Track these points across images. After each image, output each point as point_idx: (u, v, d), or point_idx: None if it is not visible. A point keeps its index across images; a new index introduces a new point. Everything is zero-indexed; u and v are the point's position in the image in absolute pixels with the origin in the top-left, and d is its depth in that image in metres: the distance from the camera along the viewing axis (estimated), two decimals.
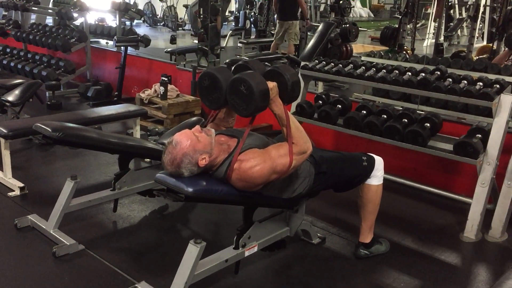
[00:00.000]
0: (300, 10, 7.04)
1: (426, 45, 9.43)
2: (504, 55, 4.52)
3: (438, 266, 2.76)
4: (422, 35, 10.67)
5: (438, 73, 3.34)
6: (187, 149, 2.10)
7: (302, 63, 3.94)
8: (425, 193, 3.66)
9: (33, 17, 8.03)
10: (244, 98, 2.14)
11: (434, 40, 7.44)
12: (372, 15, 18.22)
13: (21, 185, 3.41)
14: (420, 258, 2.83)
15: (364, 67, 3.62)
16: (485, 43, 8.79)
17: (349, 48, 6.27)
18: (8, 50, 6.69)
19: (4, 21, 7.71)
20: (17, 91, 4.41)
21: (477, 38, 8.62)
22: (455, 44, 10.40)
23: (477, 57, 6.00)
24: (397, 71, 3.45)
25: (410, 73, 3.37)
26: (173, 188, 2.12)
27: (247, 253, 2.41)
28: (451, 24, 10.23)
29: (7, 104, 4.31)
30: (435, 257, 2.84)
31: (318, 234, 2.94)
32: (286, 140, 2.20)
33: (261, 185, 2.18)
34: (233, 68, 2.43)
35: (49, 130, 2.72)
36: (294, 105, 3.85)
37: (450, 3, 9.70)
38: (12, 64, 6.21)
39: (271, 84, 2.17)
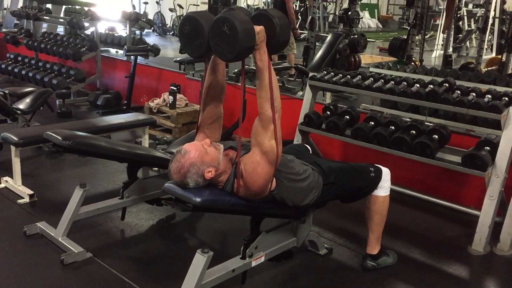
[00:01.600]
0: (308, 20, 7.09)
1: (435, 56, 9.43)
2: None
3: (445, 278, 2.74)
4: (430, 46, 10.67)
5: (447, 85, 3.35)
6: (195, 159, 2.11)
7: (311, 74, 3.96)
8: (433, 205, 3.64)
9: (44, 26, 8.13)
10: (228, 40, 1.96)
11: (442, 52, 7.43)
12: (380, 26, 18.27)
13: (31, 192, 3.44)
14: (428, 270, 2.82)
15: (372, 79, 3.64)
16: (494, 55, 8.79)
17: (357, 58, 6.29)
18: (19, 58, 6.78)
19: (16, 30, 7.83)
20: (28, 99, 4.47)
21: (486, 49, 8.60)
22: (464, 56, 10.39)
23: (486, 69, 6.00)
24: (405, 83, 3.46)
25: (418, 85, 3.37)
26: (181, 198, 2.13)
27: (254, 263, 2.41)
28: (460, 35, 10.23)
29: (18, 112, 4.36)
30: (442, 270, 2.82)
31: (325, 245, 2.94)
32: (259, 98, 2.06)
33: (268, 185, 2.15)
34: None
35: (60, 138, 2.75)
36: (302, 115, 3.87)
37: (459, 15, 9.71)
38: (23, 72, 6.28)
39: (258, 28, 2.00)
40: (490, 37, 9.33)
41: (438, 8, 11.33)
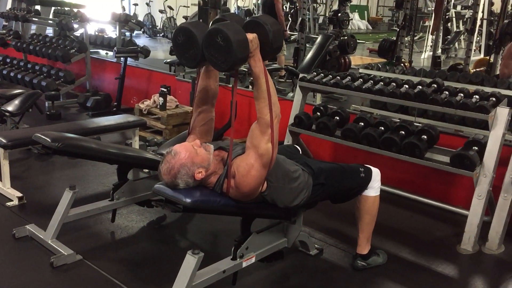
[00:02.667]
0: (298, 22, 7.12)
1: (424, 57, 9.50)
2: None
3: (435, 277, 2.76)
4: (420, 47, 10.74)
5: (435, 86, 3.37)
6: (185, 160, 2.12)
7: (301, 75, 3.97)
8: (422, 205, 3.67)
9: (33, 28, 8.08)
10: (221, 51, 1.98)
11: (431, 53, 7.49)
12: (370, 28, 18.37)
13: (20, 195, 3.41)
14: (417, 269, 2.84)
15: (361, 79, 3.66)
16: (482, 56, 8.87)
17: (347, 60, 6.32)
18: (8, 60, 6.72)
19: (4, 31, 7.76)
20: (16, 101, 4.43)
21: (474, 51, 8.69)
22: (452, 57, 10.48)
23: (474, 70, 6.05)
24: (394, 84, 3.48)
25: (407, 86, 3.40)
26: (171, 199, 2.13)
27: (244, 264, 2.41)
28: (449, 37, 10.32)
29: (7, 114, 4.33)
30: (432, 269, 2.85)
31: (316, 245, 2.95)
32: (258, 103, 2.10)
33: (259, 187, 2.17)
34: (210, 24, 2.27)
35: (49, 140, 2.74)
36: (292, 116, 3.88)
37: (447, 16, 9.79)
38: (12, 74, 6.23)
39: (251, 36, 2.02)
40: (478, 38, 9.42)
41: (427, 9, 11.42)
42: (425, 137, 3.25)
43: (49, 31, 8.29)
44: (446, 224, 3.43)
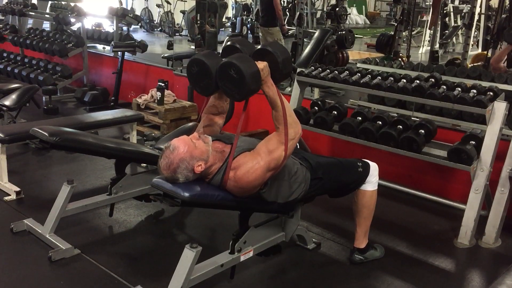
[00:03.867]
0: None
1: (421, 52, 9.49)
2: (505, 50, 4.51)
3: (432, 271, 2.78)
4: (417, 42, 10.73)
5: (433, 80, 3.38)
6: (184, 155, 2.11)
7: (298, 70, 3.97)
8: (419, 199, 3.69)
9: (30, 22, 8.04)
10: (235, 83, 2.07)
11: (429, 48, 7.49)
12: (368, 22, 18.31)
13: (17, 189, 3.41)
14: (414, 263, 2.85)
15: (359, 74, 3.66)
16: (480, 50, 8.86)
17: (345, 54, 6.30)
18: (5, 54, 6.70)
19: (1, 25, 7.72)
20: (13, 96, 4.42)
21: (472, 45, 8.67)
22: (450, 52, 10.46)
23: (472, 65, 6.06)
24: (392, 78, 3.49)
25: (405, 80, 3.40)
26: (169, 193, 2.13)
27: (242, 258, 2.42)
28: (447, 31, 10.31)
29: (4, 108, 4.32)
30: (429, 263, 2.86)
31: (314, 240, 2.96)
32: (277, 123, 2.18)
33: (258, 187, 2.19)
34: (221, 51, 2.35)
35: (46, 134, 2.74)
36: None
37: (445, 11, 9.77)
38: (9, 68, 6.21)
39: (262, 64, 2.10)
40: (476, 33, 9.40)
41: (424, 4, 11.40)
42: (423, 131, 3.26)
43: (46, 25, 8.26)
44: (443, 218, 3.44)
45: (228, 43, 2.33)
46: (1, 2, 8.61)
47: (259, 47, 2.24)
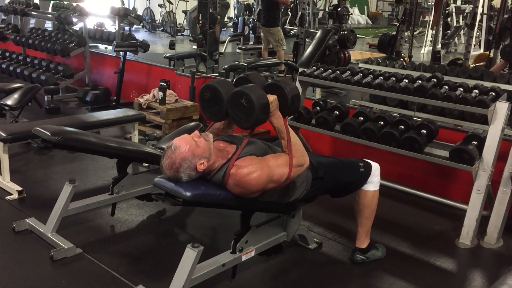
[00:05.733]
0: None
1: (424, 52, 9.48)
2: (501, 65, 4.56)
3: (433, 271, 2.78)
4: (419, 42, 10.72)
5: (435, 80, 3.38)
6: (186, 154, 2.11)
7: (300, 70, 3.97)
8: (421, 199, 3.68)
9: (32, 22, 8.05)
10: (244, 111, 2.17)
11: (431, 48, 7.48)
12: (370, 22, 18.30)
13: (19, 188, 3.42)
14: (416, 263, 2.85)
15: (361, 74, 3.65)
16: (482, 51, 8.85)
17: (347, 54, 6.30)
18: (7, 54, 6.71)
19: (3, 25, 7.74)
20: (16, 95, 4.43)
21: (474, 46, 8.66)
22: (452, 52, 10.45)
23: (474, 65, 6.05)
24: (394, 78, 3.48)
25: (407, 80, 3.40)
26: (171, 193, 2.13)
27: (244, 258, 2.42)
28: (449, 32, 10.30)
29: (6, 108, 4.32)
30: (431, 263, 2.86)
31: (315, 239, 2.96)
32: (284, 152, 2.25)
33: (257, 193, 2.20)
34: (234, 81, 2.47)
35: (48, 134, 2.74)
36: None
37: (447, 11, 9.76)
38: (11, 68, 6.22)
39: (271, 98, 2.20)
40: (478, 33, 9.39)
41: (426, 4, 11.39)
42: (425, 131, 3.25)
43: (48, 25, 8.27)
44: (445, 218, 3.43)
45: (241, 75, 2.46)
46: (3, 1, 8.62)
47: (270, 81, 2.35)
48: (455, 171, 3.49)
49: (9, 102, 4.35)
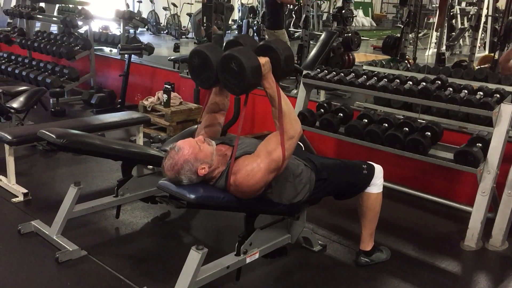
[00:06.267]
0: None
1: (428, 54, 9.46)
2: (509, 52, 4.51)
3: (438, 274, 2.77)
4: (424, 44, 10.70)
5: (439, 82, 3.37)
6: (189, 156, 2.12)
7: (304, 72, 3.97)
8: (425, 202, 3.67)
9: (37, 25, 8.09)
10: (235, 76, 2.06)
11: (436, 50, 7.47)
12: (374, 25, 18.29)
13: (25, 191, 3.44)
14: (421, 266, 2.84)
15: (365, 76, 3.65)
16: (487, 52, 8.82)
17: (351, 57, 6.31)
18: (13, 57, 6.75)
19: (9, 28, 7.79)
20: (21, 98, 4.46)
21: (479, 47, 8.64)
22: (457, 54, 10.42)
23: (479, 67, 6.04)
24: (398, 80, 3.48)
25: (411, 82, 3.40)
26: (175, 195, 2.14)
27: (248, 260, 2.42)
28: (453, 34, 10.27)
29: (12, 111, 4.35)
30: (435, 265, 2.85)
31: (319, 242, 2.96)
32: (276, 121, 2.17)
33: (261, 190, 2.19)
34: (224, 45, 2.36)
35: (54, 136, 2.75)
36: (296, 113, 3.88)
37: (452, 13, 9.74)
38: (16, 71, 6.26)
39: (263, 60, 2.10)
40: (483, 35, 9.36)
41: (431, 6, 11.38)
42: (429, 133, 3.25)
43: (54, 28, 8.31)
44: (449, 220, 3.43)
45: (231, 38, 2.33)
46: (9, 5, 8.68)
47: (262, 43, 2.23)
48: (460, 173, 3.48)
49: (15, 105, 4.38)
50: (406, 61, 6.25)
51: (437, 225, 3.37)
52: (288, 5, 9.04)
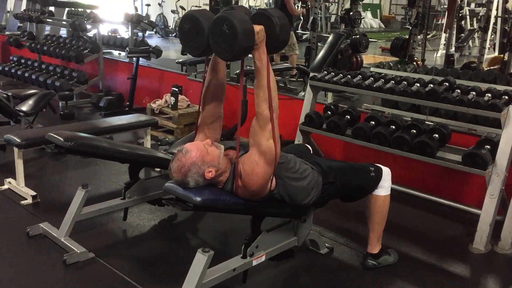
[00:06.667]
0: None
1: (436, 55, 9.42)
2: None
3: (446, 277, 2.75)
4: (433, 46, 10.66)
5: (447, 84, 3.35)
6: (196, 159, 2.13)
7: (311, 74, 3.97)
8: (434, 204, 3.65)
9: (47, 29, 8.17)
10: (227, 39, 1.96)
11: (445, 51, 7.44)
12: (383, 26, 18.25)
13: (34, 193, 3.46)
14: (429, 269, 2.82)
15: (372, 78, 3.64)
16: (496, 54, 8.77)
17: (359, 59, 6.29)
18: (22, 61, 6.81)
19: (19, 32, 7.87)
20: (31, 101, 4.49)
21: (489, 49, 8.59)
22: (466, 55, 10.37)
23: (488, 68, 5.99)
24: (405, 82, 3.47)
25: (418, 84, 3.38)
26: (182, 198, 2.15)
27: (255, 263, 2.42)
28: (462, 35, 10.22)
29: (21, 114, 4.38)
30: (443, 268, 2.83)
31: (326, 244, 2.95)
32: (257, 96, 2.08)
33: (266, 185, 2.17)
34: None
35: (62, 139, 2.77)
36: (303, 115, 3.88)
37: (461, 14, 9.69)
38: (26, 74, 6.31)
39: (258, 28, 2.00)
40: (492, 36, 9.30)
41: (440, 7, 11.33)
42: (437, 135, 3.23)
43: (63, 32, 8.38)
44: (458, 223, 3.40)
45: (225, 8, 2.21)
46: (19, 9, 8.76)
47: (256, 11, 2.15)
48: (468, 175, 3.45)
49: (24, 108, 4.42)
50: (414, 63, 6.23)
51: (445, 227, 3.35)
52: (296, 8, 9.05)
